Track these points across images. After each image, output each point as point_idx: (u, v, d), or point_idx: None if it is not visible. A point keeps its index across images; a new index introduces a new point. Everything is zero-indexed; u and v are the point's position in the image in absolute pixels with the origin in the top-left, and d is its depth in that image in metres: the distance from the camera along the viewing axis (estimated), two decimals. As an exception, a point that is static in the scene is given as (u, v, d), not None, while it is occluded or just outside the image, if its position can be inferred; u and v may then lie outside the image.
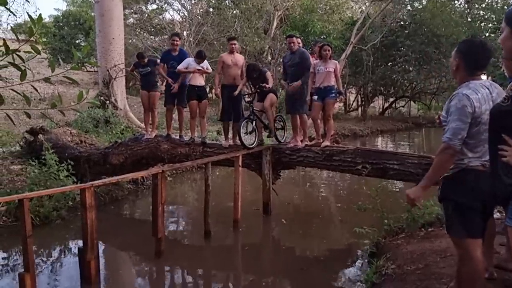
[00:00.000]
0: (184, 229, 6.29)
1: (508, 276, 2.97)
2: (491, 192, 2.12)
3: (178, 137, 6.79)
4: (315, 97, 5.95)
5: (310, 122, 6.48)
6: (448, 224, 2.40)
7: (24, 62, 2.06)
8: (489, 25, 20.54)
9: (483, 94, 2.26)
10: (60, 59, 7.79)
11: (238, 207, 5.70)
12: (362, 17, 18.41)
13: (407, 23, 20.16)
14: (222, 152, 6.14)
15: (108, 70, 10.76)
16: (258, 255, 5.17)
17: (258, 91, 6.30)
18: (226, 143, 6.48)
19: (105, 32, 10.86)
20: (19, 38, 2.12)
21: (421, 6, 20.42)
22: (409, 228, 4.59)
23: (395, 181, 6.88)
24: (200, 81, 6.53)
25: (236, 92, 6.24)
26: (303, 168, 8.07)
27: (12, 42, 2.11)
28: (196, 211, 6.46)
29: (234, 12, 17.56)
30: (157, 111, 7.21)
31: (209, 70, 6.63)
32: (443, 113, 2.36)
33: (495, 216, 3.40)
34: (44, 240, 5.26)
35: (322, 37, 18.18)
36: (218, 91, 6.54)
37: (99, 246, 4.25)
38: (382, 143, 17.37)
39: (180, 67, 6.35)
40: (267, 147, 6.15)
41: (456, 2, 22.64)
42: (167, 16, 20.90)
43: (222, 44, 15.66)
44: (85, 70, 21.38)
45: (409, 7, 20.86)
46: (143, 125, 8.03)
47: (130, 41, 16.82)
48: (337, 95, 6.02)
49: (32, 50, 2.06)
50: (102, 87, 11.14)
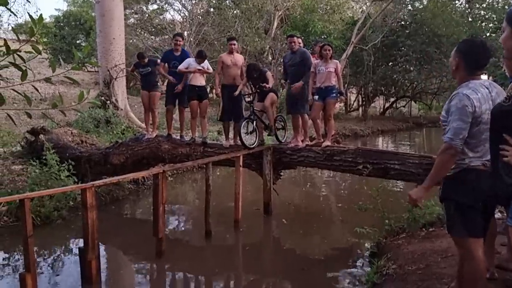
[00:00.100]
0: (185, 229, 6.29)
1: (510, 276, 2.97)
2: (492, 192, 2.12)
3: (179, 137, 6.80)
4: (316, 97, 5.94)
5: (311, 122, 6.48)
6: (449, 224, 2.40)
7: (25, 62, 2.06)
8: (490, 25, 20.52)
9: (483, 94, 2.26)
10: (61, 59, 7.77)
11: (239, 207, 5.70)
12: (363, 17, 18.42)
13: (408, 23, 20.16)
14: (223, 152, 6.14)
15: (109, 70, 10.76)
16: (259, 255, 5.17)
17: (258, 91, 6.30)
18: (227, 143, 6.49)
19: (106, 32, 10.86)
20: (20, 38, 2.11)
21: (422, 6, 20.43)
22: (410, 228, 4.59)
23: (396, 181, 6.88)
24: (201, 81, 6.54)
25: (237, 92, 6.25)
26: (304, 168, 8.07)
27: (13, 42, 2.11)
28: (197, 211, 6.47)
29: (235, 12, 17.55)
30: (158, 111, 7.21)
31: (210, 70, 6.63)
32: (443, 113, 2.35)
33: (496, 216, 3.40)
34: (45, 240, 5.27)
35: (323, 37, 18.16)
36: (219, 91, 6.54)
37: (100, 246, 4.24)
38: (383, 143, 17.36)
39: (181, 67, 6.36)
40: (268, 147, 6.15)
41: (457, 2, 22.68)
42: (168, 16, 20.93)
43: (223, 44, 15.65)
44: (86, 70, 21.39)
45: (410, 7, 20.87)
46: (144, 125, 8.04)
47: (131, 41, 16.84)
48: (338, 95, 6.02)
49: (33, 50, 2.06)
50: (103, 87, 11.14)
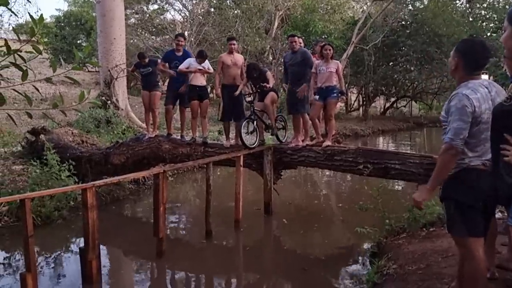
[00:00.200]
0: (185, 229, 6.29)
1: (510, 276, 2.96)
2: (493, 191, 2.12)
3: (180, 137, 6.80)
4: (316, 97, 5.95)
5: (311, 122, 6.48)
6: (450, 224, 2.40)
7: (26, 62, 2.06)
8: (491, 25, 20.48)
9: (482, 94, 2.26)
10: (62, 59, 7.79)
11: (239, 207, 5.70)
12: (364, 17, 18.42)
13: (409, 23, 20.16)
14: (223, 152, 6.14)
15: (110, 70, 10.77)
16: (260, 255, 5.17)
17: (259, 91, 6.30)
18: (227, 143, 6.49)
19: (107, 32, 10.87)
20: (21, 38, 2.12)
21: (423, 6, 20.44)
22: (411, 228, 4.59)
23: (397, 181, 6.87)
24: (202, 81, 6.53)
25: (237, 92, 6.24)
26: (304, 168, 8.06)
27: (14, 42, 2.11)
28: (197, 211, 6.47)
29: (235, 12, 17.55)
30: (158, 111, 7.21)
31: (211, 70, 6.62)
32: (443, 114, 2.35)
33: (497, 216, 3.39)
34: (46, 240, 5.27)
35: (324, 37, 18.16)
36: (219, 91, 6.54)
37: (100, 246, 4.24)
38: (384, 143, 17.35)
39: (182, 67, 6.36)
40: (268, 147, 6.15)
41: (458, 2, 22.67)
42: (168, 16, 20.94)
43: (223, 44, 15.64)
44: (87, 70, 21.39)
45: (411, 7, 20.86)
46: (145, 125, 8.04)
47: (132, 41, 16.83)
48: (339, 95, 6.02)
49: (34, 50, 2.07)
50: (104, 87, 11.15)
